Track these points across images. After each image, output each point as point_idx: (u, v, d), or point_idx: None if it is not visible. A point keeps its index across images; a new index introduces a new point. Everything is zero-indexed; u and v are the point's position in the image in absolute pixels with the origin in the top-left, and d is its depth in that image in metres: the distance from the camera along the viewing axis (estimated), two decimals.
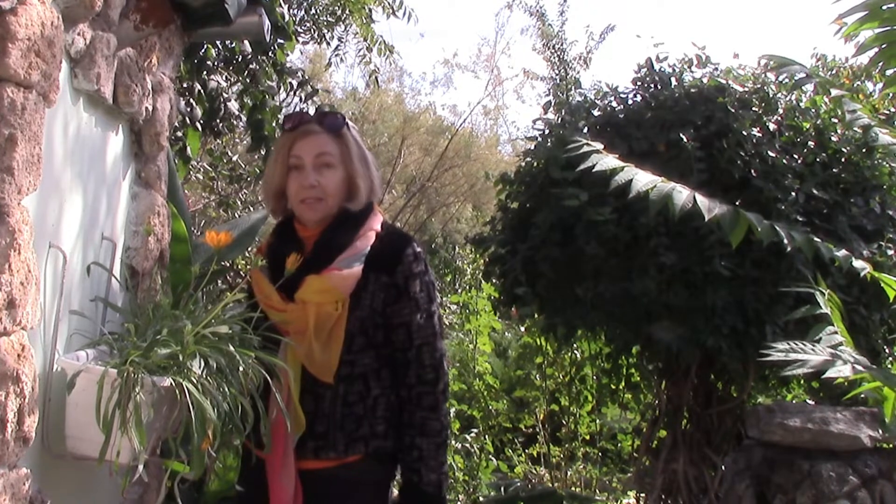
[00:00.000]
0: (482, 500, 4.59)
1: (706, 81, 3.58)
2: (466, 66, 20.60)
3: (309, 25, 4.83)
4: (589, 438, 5.58)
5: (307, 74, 4.50)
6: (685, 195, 2.04)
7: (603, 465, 5.61)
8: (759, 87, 3.55)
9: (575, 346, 4.82)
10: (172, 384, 1.54)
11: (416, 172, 14.31)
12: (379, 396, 1.90)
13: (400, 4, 4.91)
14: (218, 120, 3.94)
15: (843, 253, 2.22)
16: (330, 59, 6.25)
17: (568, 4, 10.39)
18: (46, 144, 1.50)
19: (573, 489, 5.23)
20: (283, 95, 4.19)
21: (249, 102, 3.98)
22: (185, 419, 1.57)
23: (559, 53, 10.25)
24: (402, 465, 1.91)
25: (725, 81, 3.51)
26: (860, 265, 2.20)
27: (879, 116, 3.68)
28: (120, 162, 2.02)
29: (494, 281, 4.00)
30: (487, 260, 3.90)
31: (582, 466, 5.54)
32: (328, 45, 5.29)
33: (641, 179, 2.06)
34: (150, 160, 2.18)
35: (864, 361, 1.99)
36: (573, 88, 5.52)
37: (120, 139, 2.01)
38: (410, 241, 1.98)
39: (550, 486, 5.25)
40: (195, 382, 1.56)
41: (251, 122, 3.99)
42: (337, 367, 1.85)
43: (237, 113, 3.98)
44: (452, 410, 4.63)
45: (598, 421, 5.60)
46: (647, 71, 3.75)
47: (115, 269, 1.96)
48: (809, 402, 3.87)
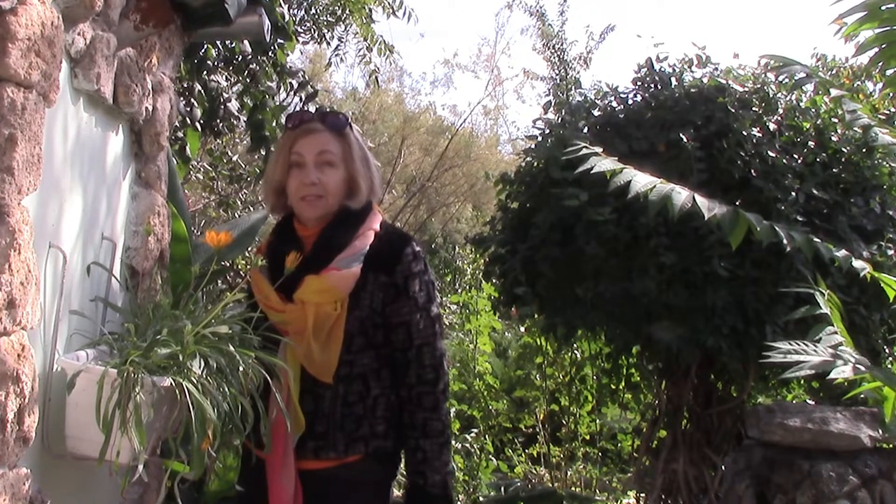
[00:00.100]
0: (482, 500, 4.59)
1: (706, 81, 3.58)
2: (466, 66, 20.67)
3: (309, 25, 4.83)
4: (589, 438, 5.58)
5: (307, 74, 4.50)
6: (684, 195, 2.04)
7: (603, 465, 5.61)
8: (759, 87, 3.55)
9: (575, 346, 4.82)
10: (172, 384, 1.54)
11: (416, 172, 14.31)
12: (379, 396, 1.90)
13: (400, 4, 4.91)
14: (218, 120, 3.94)
15: (842, 253, 2.22)
16: (330, 59, 6.25)
17: (568, 4, 10.40)
18: (46, 144, 1.50)
19: (573, 489, 5.23)
20: (283, 96, 4.19)
21: (250, 103, 3.98)
22: (185, 419, 1.57)
23: (559, 53, 10.25)
24: (406, 467, 1.92)
25: (725, 81, 3.51)
26: (860, 265, 2.20)
27: (879, 116, 3.68)
28: (120, 162, 2.02)
29: (494, 281, 4.00)
30: (487, 260, 3.90)
31: (582, 466, 5.54)
32: (328, 45, 5.29)
33: (640, 181, 2.07)
34: (150, 160, 2.18)
35: (864, 361, 1.99)
36: (573, 88, 5.53)
37: (120, 139, 2.01)
38: (410, 240, 1.98)
39: (550, 486, 5.25)
40: (195, 382, 1.56)
41: (251, 122, 3.98)
42: (336, 367, 1.85)
43: (237, 113, 3.98)
44: (452, 410, 4.63)
45: (598, 421, 5.59)
46: (647, 71, 3.75)
47: (115, 269, 1.96)
48: (809, 402, 3.87)
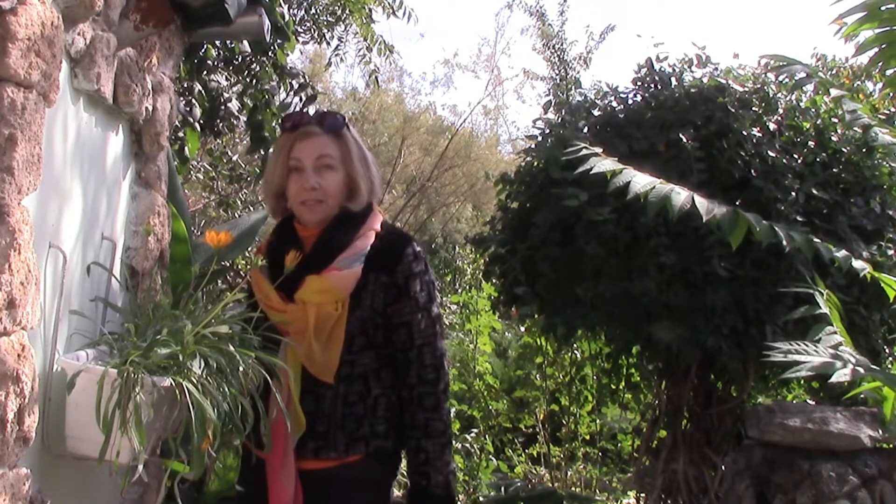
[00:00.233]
0: (482, 500, 4.59)
1: (706, 81, 3.57)
2: (466, 66, 20.65)
3: (309, 25, 4.83)
4: (589, 438, 5.58)
5: (307, 75, 4.50)
6: (684, 196, 2.04)
7: (603, 465, 5.61)
8: (759, 87, 3.55)
9: (575, 346, 4.82)
10: (172, 384, 1.54)
11: (416, 172, 14.31)
12: (379, 396, 1.90)
13: (400, 4, 4.91)
14: (218, 120, 3.94)
15: (842, 253, 2.22)
16: (330, 59, 6.25)
17: (568, 4, 10.38)
18: (46, 144, 1.50)
19: (573, 489, 5.23)
20: (283, 96, 4.19)
21: (250, 103, 3.98)
22: (185, 419, 1.57)
23: (559, 53, 10.24)
24: (408, 468, 1.92)
25: (725, 81, 3.51)
26: (860, 265, 2.20)
27: (879, 116, 3.67)
28: (120, 162, 2.02)
29: (494, 281, 4.00)
30: (487, 260, 3.90)
31: (582, 466, 5.54)
32: (328, 45, 5.29)
33: (640, 181, 2.07)
34: (150, 160, 2.18)
35: (864, 362, 1.99)
36: (573, 88, 5.52)
37: (120, 139, 2.01)
38: (410, 240, 1.98)
39: (550, 486, 5.25)
40: (195, 382, 1.56)
41: (251, 123, 3.99)
42: (337, 367, 1.85)
43: (237, 113, 3.98)
44: (452, 410, 4.63)
45: (598, 421, 5.59)
46: (647, 71, 3.75)
47: (115, 269, 1.96)
48: (809, 402, 3.87)
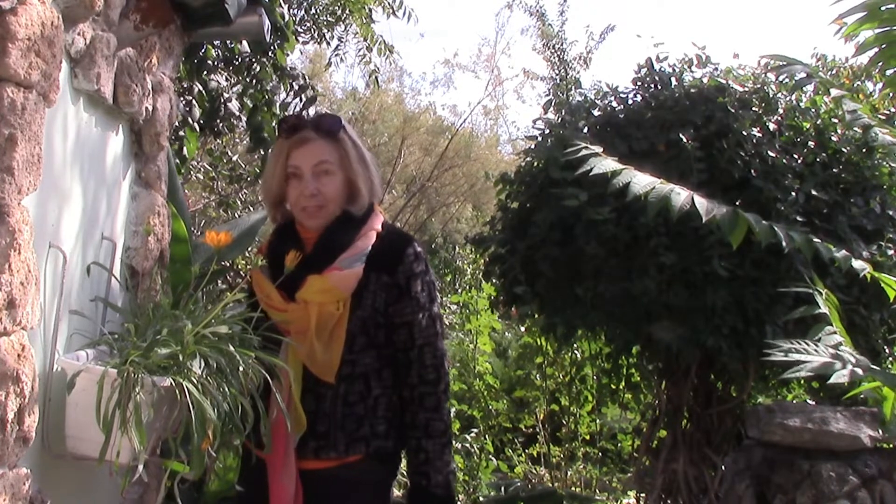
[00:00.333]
0: (482, 500, 4.59)
1: (706, 81, 3.57)
2: (466, 66, 20.62)
3: (309, 25, 4.83)
4: (589, 438, 5.58)
5: (307, 75, 4.50)
6: (683, 196, 2.04)
7: (603, 465, 5.61)
8: (759, 87, 3.55)
9: (575, 346, 4.82)
10: (172, 384, 1.54)
11: (416, 172, 14.31)
12: (380, 396, 1.90)
13: (400, 4, 4.91)
14: (218, 120, 3.94)
15: (842, 253, 2.22)
16: (330, 59, 6.26)
17: (568, 4, 10.37)
18: (46, 144, 1.50)
19: (573, 489, 5.23)
20: (283, 96, 4.19)
21: (250, 103, 3.98)
22: (185, 419, 1.57)
23: (559, 53, 10.24)
24: (408, 468, 1.92)
25: (725, 81, 3.50)
26: (860, 265, 2.20)
27: (879, 116, 3.67)
28: (120, 162, 2.02)
29: (494, 280, 4.00)
30: (487, 260, 3.90)
31: (582, 466, 5.54)
32: (328, 45, 5.29)
33: (640, 182, 2.07)
34: (150, 160, 2.18)
35: (864, 362, 1.99)
36: (573, 88, 5.52)
37: (120, 139, 2.01)
38: (411, 240, 1.98)
39: (550, 486, 5.25)
40: (195, 382, 1.56)
41: (251, 123, 3.99)
42: (338, 366, 1.85)
43: (237, 113, 3.98)
44: (453, 410, 4.63)
45: (598, 421, 5.59)
46: (647, 71, 3.75)
47: (115, 269, 1.96)
48: (809, 402, 3.87)
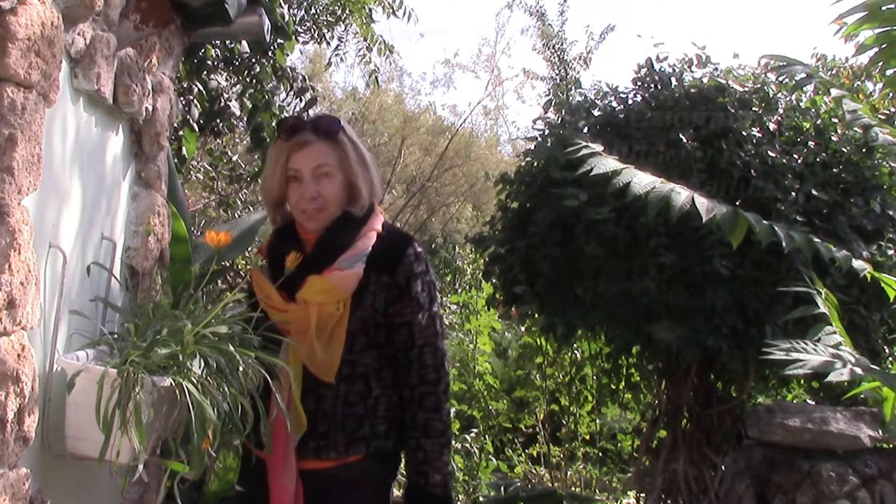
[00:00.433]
0: (482, 500, 4.59)
1: (706, 81, 3.58)
2: (467, 66, 20.59)
3: (309, 25, 4.83)
4: (589, 438, 5.59)
5: (307, 75, 4.50)
6: (684, 196, 2.04)
7: (603, 465, 5.61)
8: (759, 87, 3.55)
9: (575, 346, 4.82)
10: (172, 384, 1.54)
11: (416, 172, 14.31)
12: (380, 396, 1.90)
13: (400, 4, 4.91)
14: (218, 120, 3.94)
15: (842, 253, 2.22)
16: (330, 59, 6.25)
17: (568, 4, 10.34)
18: (46, 144, 1.50)
19: (573, 489, 5.23)
20: (283, 96, 4.19)
21: (249, 104, 3.97)
22: (185, 419, 1.57)
23: (559, 53, 10.23)
24: (407, 467, 1.92)
25: (725, 81, 3.51)
26: (860, 265, 2.20)
27: (879, 116, 3.67)
28: (120, 162, 2.02)
29: (494, 280, 4.01)
30: (487, 260, 3.90)
31: (582, 466, 5.55)
32: (328, 45, 5.28)
33: (641, 181, 2.07)
34: (150, 160, 2.18)
35: (864, 362, 1.99)
36: (573, 88, 5.51)
37: (120, 139, 2.01)
38: (411, 241, 1.98)
39: (550, 486, 5.25)
40: (195, 382, 1.56)
41: (251, 124, 3.99)
42: (338, 366, 1.85)
43: (238, 113, 3.98)
44: (452, 410, 4.63)
45: (598, 421, 5.60)
46: (647, 71, 3.75)
47: (115, 269, 1.96)
48: (809, 402, 3.87)
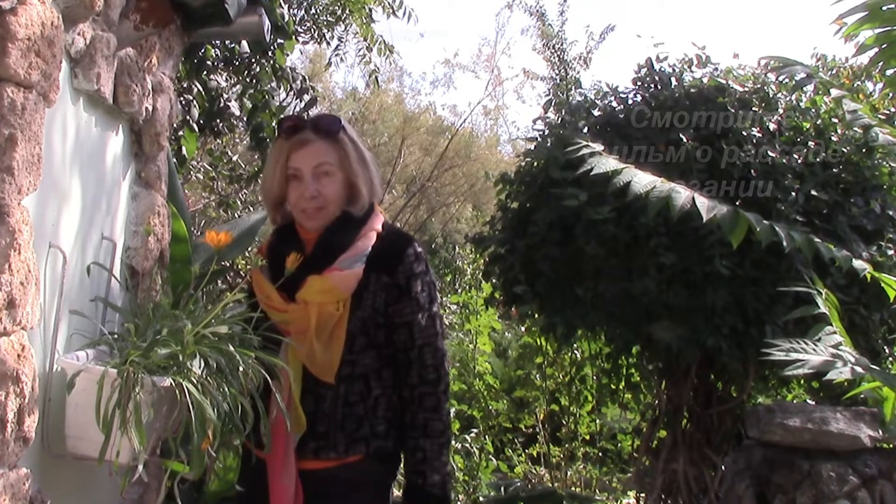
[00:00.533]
0: (482, 500, 4.59)
1: (706, 81, 3.58)
2: (467, 66, 20.59)
3: (309, 25, 4.83)
4: (589, 438, 5.58)
5: (307, 75, 4.51)
6: (684, 196, 2.04)
7: (603, 465, 5.61)
8: (759, 87, 3.55)
9: (575, 346, 4.82)
10: (172, 384, 1.54)
11: (416, 172, 14.30)
12: (380, 396, 1.90)
13: (400, 4, 4.91)
14: (218, 120, 3.94)
15: (843, 253, 2.22)
16: (330, 59, 6.24)
17: (568, 4, 10.35)
18: (46, 144, 1.50)
19: (573, 489, 5.23)
20: (283, 96, 4.19)
21: (249, 104, 3.97)
22: (185, 419, 1.57)
23: (559, 53, 10.23)
24: (405, 467, 1.91)
25: (725, 81, 3.51)
26: (861, 265, 2.20)
27: (879, 116, 3.67)
28: (120, 162, 2.02)
29: (494, 280, 4.01)
30: (487, 260, 3.90)
31: (582, 466, 5.54)
32: (328, 45, 5.28)
33: (641, 181, 2.07)
34: (150, 160, 2.18)
35: (864, 361, 1.99)
36: (573, 88, 5.51)
37: (120, 139, 2.01)
38: (411, 241, 1.97)
39: (550, 486, 5.25)
40: (195, 382, 1.56)
41: (251, 124, 3.99)
42: (338, 367, 1.85)
43: (238, 113, 3.98)
44: (452, 410, 4.63)
45: (598, 421, 5.59)
46: (647, 71, 3.75)
47: (115, 269, 1.96)
48: (809, 402, 3.87)
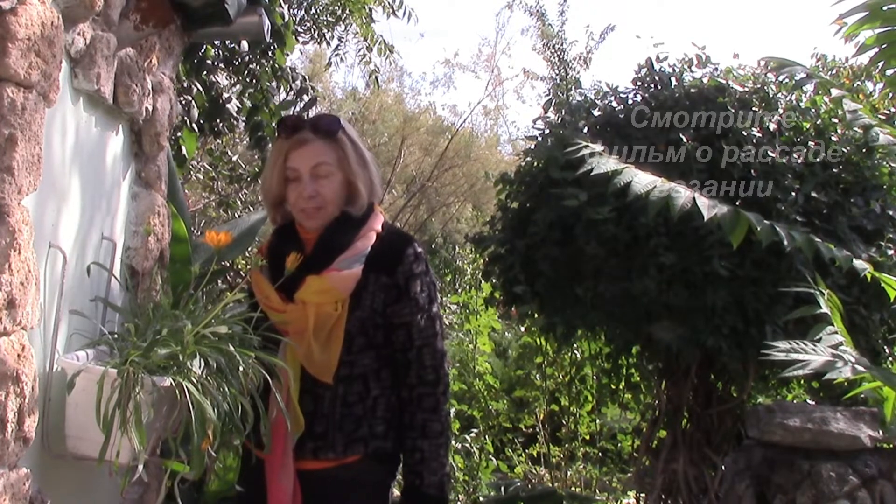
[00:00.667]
0: (482, 500, 4.59)
1: (706, 81, 3.58)
2: (467, 66, 20.58)
3: (309, 25, 4.83)
4: (589, 438, 5.58)
5: (307, 75, 4.50)
6: (684, 196, 2.04)
7: (603, 465, 5.61)
8: (759, 87, 3.55)
9: (575, 346, 4.82)
10: (172, 384, 1.54)
11: (416, 172, 14.30)
12: (378, 397, 1.89)
13: (400, 4, 4.91)
14: (218, 120, 3.94)
15: (843, 253, 2.22)
16: (330, 59, 6.25)
17: (568, 4, 10.34)
18: (46, 144, 1.50)
19: (573, 489, 5.23)
20: (283, 96, 4.19)
21: (249, 103, 3.97)
22: (185, 419, 1.57)
23: (559, 53, 10.22)
24: (403, 467, 1.91)
25: (725, 81, 3.51)
26: (861, 265, 2.20)
27: (879, 116, 3.68)
28: (120, 162, 2.02)
29: (494, 280, 4.01)
30: (487, 260, 3.90)
31: (582, 466, 5.54)
32: (328, 45, 5.28)
33: (641, 181, 2.07)
34: (150, 160, 2.18)
35: (864, 361, 1.99)
36: (573, 88, 5.51)
37: (120, 139, 2.01)
38: (411, 241, 1.97)
39: (550, 486, 5.25)
40: (195, 382, 1.56)
41: (250, 123, 3.98)
42: (336, 367, 1.85)
43: (236, 113, 3.97)
44: (452, 410, 4.63)
45: (598, 421, 5.59)
46: (647, 71, 3.75)
47: (115, 269, 1.96)
48: (809, 402, 3.87)
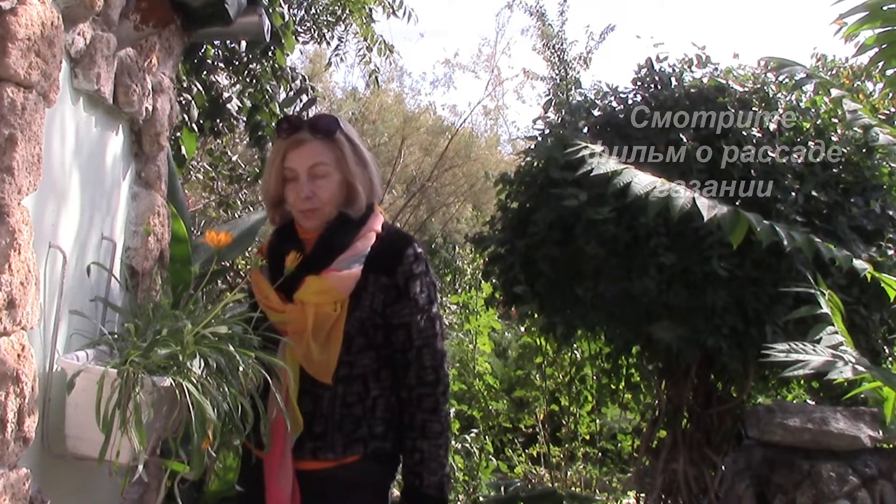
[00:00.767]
0: (482, 500, 4.59)
1: (706, 81, 3.58)
2: (467, 66, 20.58)
3: (309, 25, 4.83)
4: (589, 438, 5.58)
5: (307, 75, 4.50)
6: (684, 196, 2.04)
7: (603, 465, 5.61)
8: (759, 87, 3.55)
9: (575, 346, 4.82)
10: (172, 384, 1.54)
11: (416, 172, 14.30)
12: (378, 397, 1.89)
13: (400, 4, 4.91)
14: (218, 120, 3.94)
15: (843, 253, 2.22)
16: (330, 59, 6.25)
17: (568, 4, 10.34)
18: (46, 144, 1.50)
19: (573, 489, 5.23)
20: (283, 95, 4.19)
21: (249, 103, 3.97)
22: (185, 419, 1.56)
23: (559, 53, 10.22)
24: (403, 468, 1.91)
25: (725, 81, 3.51)
26: (861, 265, 2.20)
27: (879, 116, 3.68)
28: (120, 162, 2.02)
29: (494, 280, 4.01)
30: (487, 260, 3.90)
31: (582, 466, 5.55)
32: (328, 45, 5.29)
33: (641, 181, 2.07)
34: (150, 160, 2.18)
35: (864, 361, 1.99)
36: (573, 88, 5.51)
37: (120, 139, 2.01)
38: (411, 241, 1.97)
39: (550, 486, 5.25)
40: (195, 382, 1.56)
41: (250, 123, 3.98)
42: (336, 367, 1.85)
43: (237, 113, 3.97)
44: (452, 411, 4.63)
45: (598, 421, 5.59)
46: (647, 71, 3.75)
47: (115, 269, 1.96)
48: (809, 402, 3.87)
